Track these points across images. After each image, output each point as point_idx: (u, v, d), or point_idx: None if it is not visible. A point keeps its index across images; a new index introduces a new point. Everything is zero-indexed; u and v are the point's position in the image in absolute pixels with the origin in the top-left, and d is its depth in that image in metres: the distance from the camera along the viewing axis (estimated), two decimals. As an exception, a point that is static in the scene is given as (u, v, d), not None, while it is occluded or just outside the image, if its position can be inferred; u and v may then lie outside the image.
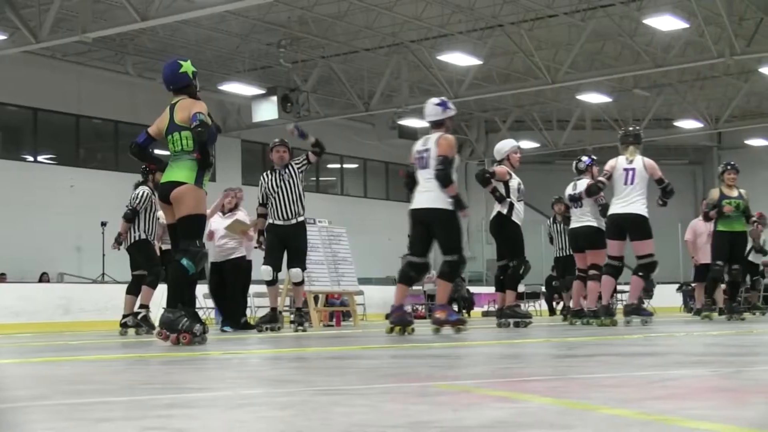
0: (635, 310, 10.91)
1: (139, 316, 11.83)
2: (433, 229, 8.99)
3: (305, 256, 11.56)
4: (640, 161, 10.73)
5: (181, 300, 7.36)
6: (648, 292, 14.67)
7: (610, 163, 10.90)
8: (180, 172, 7.46)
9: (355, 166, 33.16)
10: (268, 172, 11.43)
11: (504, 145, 11.27)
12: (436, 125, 9.18)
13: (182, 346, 6.96)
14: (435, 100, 9.33)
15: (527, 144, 31.76)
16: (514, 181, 10.95)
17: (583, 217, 11.74)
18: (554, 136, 34.25)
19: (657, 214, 11.06)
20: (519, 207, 11.00)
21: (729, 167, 12.97)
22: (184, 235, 7.39)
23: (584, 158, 12.26)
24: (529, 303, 24.16)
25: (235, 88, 25.96)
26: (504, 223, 10.85)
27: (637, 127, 11.42)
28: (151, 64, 26.60)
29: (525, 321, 10.94)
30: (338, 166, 33.41)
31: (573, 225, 11.92)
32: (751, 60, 26.19)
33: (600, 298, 11.09)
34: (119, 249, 12.11)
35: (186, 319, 7.20)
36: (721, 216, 12.69)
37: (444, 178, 8.85)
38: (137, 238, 11.81)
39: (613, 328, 10.03)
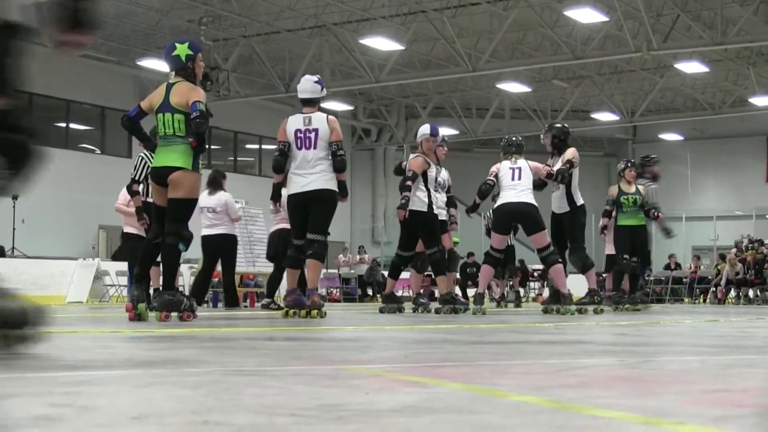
0: (568, 298, 10.98)
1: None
2: (310, 207, 8.85)
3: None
4: (524, 163, 10.97)
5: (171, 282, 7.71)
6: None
7: (496, 165, 11.09)
8: (176, 156, 7.61)
9: (274, 147, 33.02)
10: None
11: (420, 131, 11.31)
12: (311, 103, 9.10)
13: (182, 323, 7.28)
14: (312, 77, 9.28)
15: (446, 131, 31.90)
16: (432, 172, 11.00)
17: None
18: (473, 123, 34.49)
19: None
20: (438, 197, 11.09)
21: (630, 164, 13.57)
22: (175, 218, 7.65)
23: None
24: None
25: (154, 64, 25.64)
26: (423, 215, 10.87)
27: (519, 137, 11.57)
28: (68, 37, 26.13)
29: (463, 307, 11.04)
30: (257, 146, 33.22)
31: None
32: (667, 55, 26.67)
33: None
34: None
35: (186, 299, 7.66)
36: (620, 211, 13.27)
37: (345, 164, 8.91)
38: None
39: (523, 316, 10.15)
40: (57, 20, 3.38)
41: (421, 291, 12.31)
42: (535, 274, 27.79)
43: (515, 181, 10.83)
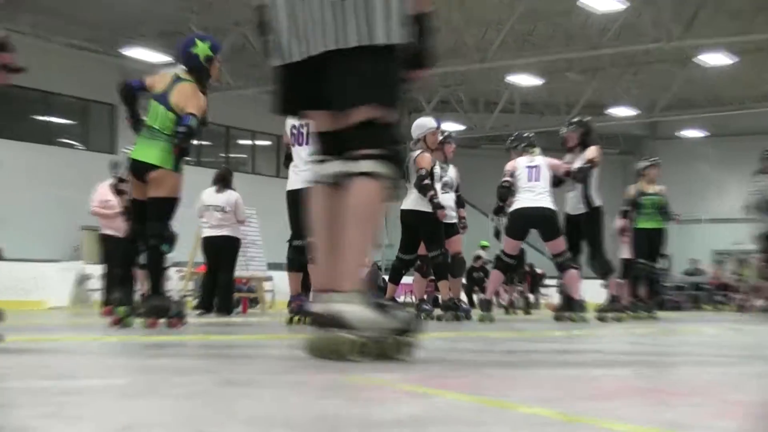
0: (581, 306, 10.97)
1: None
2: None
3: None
4: (542, 160, 10.98)
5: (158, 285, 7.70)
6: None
7: (511, 164, 11.11)
8: (156, 153, 7.60)
9: (268, 143, 32.98)
10: None
11: (423, 123, 11.30)
12: None
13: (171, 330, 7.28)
14: None
15: (452, 126, 31.90)
16: (437, 169, 11.03)
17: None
18: (481, 119, 34.46)
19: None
20: (445, 197, 11.12)
21: (652, 162, 13.57)
22: (157, 217, 7.60)
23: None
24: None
25: (140, 53, 25.62)
26: (427, 215, 10.88)
27: (531, 134, 11.65)
28: (48, 24, 26.12)
29: (464, 314, 11.07)
30: (250, 142, 33.20)
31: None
32: (689, 46, 26.60)
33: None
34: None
35: (175, 304, 7.64)
36: (639, 212, 13.28)
37: None
38: None
39: (534, 323, 10.16)
40: (406, 59, 3.96)
41: (425, 297, 12.33)
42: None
43: (532, 183, 10.82)
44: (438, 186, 10.98)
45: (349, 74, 3.82)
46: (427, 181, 10.70)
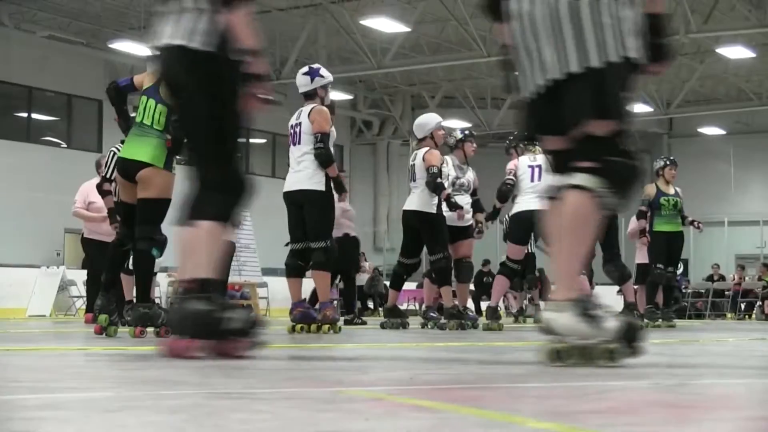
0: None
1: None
2: (304, 211, 9.16)
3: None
4: (543, 158, 10.95)
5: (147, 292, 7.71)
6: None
7: (512, 163, 11.11)
8: (146, 150, 7.62)
9: (262, 141, 32.98)
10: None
11: (429, 120, 11.34)
12: (308, 97, 9.40)
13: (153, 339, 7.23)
14: (303, 69, 9.59)
15: (458, 124, 31.84)
16: (444, 168, 11.05)
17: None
18: (488, 115, 34.43)
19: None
20: (459, 199, 11.12)
21: (670, 162, 13.55)
22: (147, 219, 7.64)
23: (457, 131, 12.03)
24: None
25: (127, 46, 25.62)
26: (431, 217, 10.90)
27: None
28: (30, 15, 26.15)
29: (470, 322, 11.09)
30: (243, 140, 33.15)
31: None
32: (707, 39, 26.60)
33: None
34: None
35: (163, 312, 7.58)
36: (657, 214, 13.25)
37: (325, 157, 9.04)
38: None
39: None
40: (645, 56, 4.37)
41: (431, 304, 12.29)
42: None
43: (535, 183, 10.81)
44: (446, 184, 10.98)
45: (573, 94, 4.27)
46: (440, 180, 10.73)
